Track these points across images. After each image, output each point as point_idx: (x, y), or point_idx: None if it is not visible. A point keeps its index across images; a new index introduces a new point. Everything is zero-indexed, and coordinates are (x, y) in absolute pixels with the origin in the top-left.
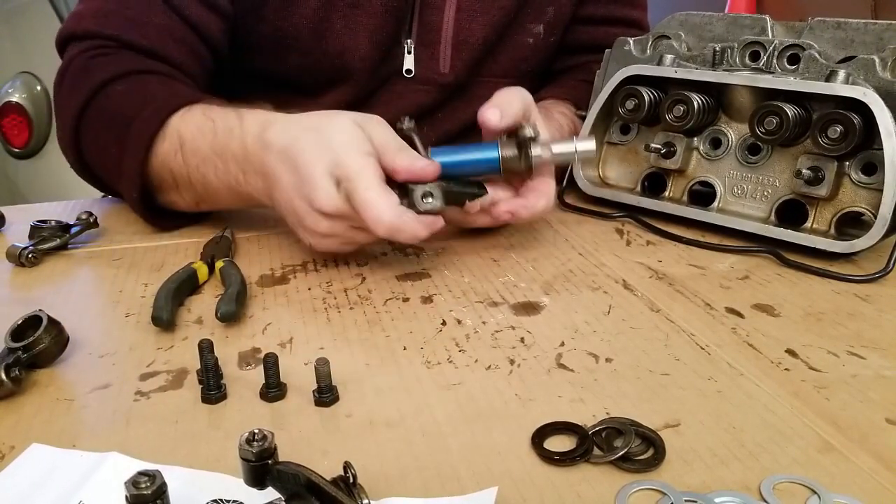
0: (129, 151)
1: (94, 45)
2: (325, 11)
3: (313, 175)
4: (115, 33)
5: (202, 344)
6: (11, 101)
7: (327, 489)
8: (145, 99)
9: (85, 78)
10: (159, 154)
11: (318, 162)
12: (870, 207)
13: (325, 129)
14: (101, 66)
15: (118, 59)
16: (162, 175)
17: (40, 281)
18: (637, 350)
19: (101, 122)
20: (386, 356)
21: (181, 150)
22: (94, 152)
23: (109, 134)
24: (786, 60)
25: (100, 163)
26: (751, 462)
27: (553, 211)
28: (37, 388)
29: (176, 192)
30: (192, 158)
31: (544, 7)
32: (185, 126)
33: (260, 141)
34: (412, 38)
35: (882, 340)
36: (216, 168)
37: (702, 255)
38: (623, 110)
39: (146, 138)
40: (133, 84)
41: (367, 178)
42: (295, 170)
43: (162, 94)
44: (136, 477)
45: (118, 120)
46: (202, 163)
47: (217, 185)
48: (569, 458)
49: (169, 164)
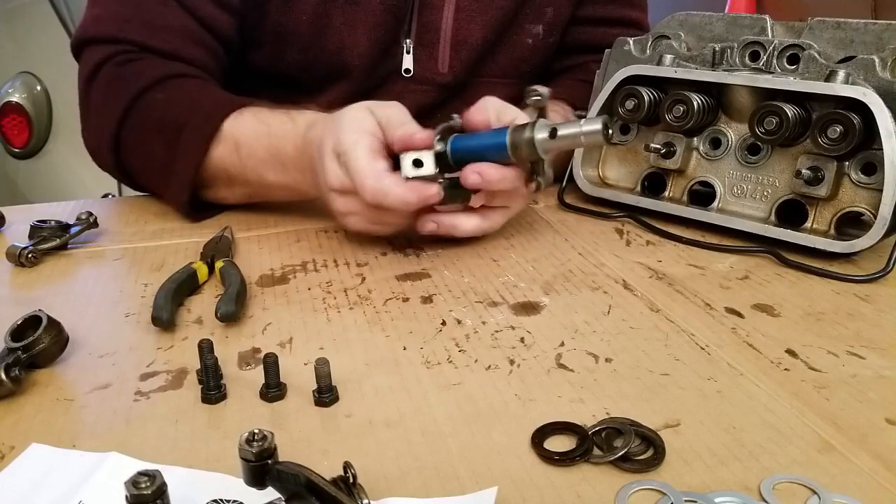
0: (182, 156)
1: (117, 51)
2: (324, 7)
3: (323, 156)
4: (138, 39)
5: (202, 344)
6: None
7: (327, 489)
8: (191, 105)
9: (122, 86)
10: (214, 157)
11: (326, 144)
12: (870, 207)
13: (339, 116)
14: (135, 74)
15: (149, 66)
16: (216, 174)
17: (40, 281)
18: (637, 350)
19: (145, 129)
20: (386, 356)
21: (237, 151)
22: (137, 158)
23: (157, 141)
24: (786, 60)
25: (144, 167)
26: (751, 462)
27: (553, 211)
28: (37, 388)
29: (228, 189)
30: (248, 160)
31: (543, 8)
32: (239, 130)
33: (304, 139)
34: (411, 38)
35: (882, 340)
36: (274, 168)
37: (702, 255)
38: (623, 110)
39: (202, 143)
40: (172, 91)
41: (357, 150)
42: (315, 157)
43: (206, 100)
44: (136, 477)
45: (165, 127)
46: (259, 164)
47: (274, 182)
48: (569, 458)
49: (225, 164)
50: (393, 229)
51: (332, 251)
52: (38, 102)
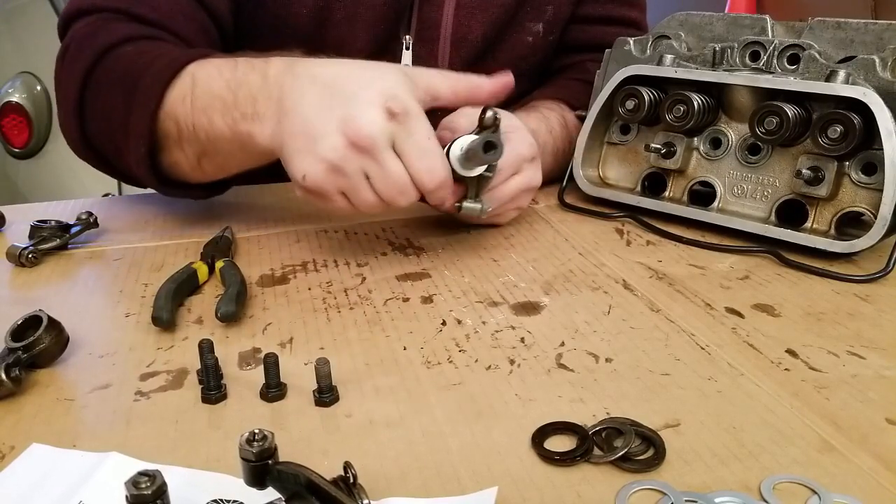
0: (139, 101)
1: (101, 18)
2: (325, 1)
3: (361, 98)
4: (123, 6)
5: (202, 344)
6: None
7: (327, 489)
8: (159, 55)
9: (90, 42)
10: (168, 102)
11: (369, 88)
12: (870, 207)
13: (377, 68)
14: (108, 31)
15: (126, 27)
16: (167, 127)
17: (40, 281)
18: (637, 350)
19: (107, 82)
20: (386, 356)
21: (191, 92)
22: (97, 116)
23: (116, 92)
24: (786, 60)
25: (104, 126)
26: (751, 462)
27: (553, 211)
28: (37, 388)
29: (178, 148)
30: (199, 100)
31: (544, 6)
32: (201, 68)
33: (287, 71)
34: (411, 34)
35: (882, 340)
36: (224, 104)
37: (702, 255)
38: (623, 110)
39: (159, 86)
40: (144, 45)
41: (427, 127)
42: (332, 91)
43: (177, 51)
44: (136, 477)
45: (127, 76)
46: (210, 103)
47: (220, 126)
48: (569, 458)
49: (175, 112)
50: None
51: (332, 251)
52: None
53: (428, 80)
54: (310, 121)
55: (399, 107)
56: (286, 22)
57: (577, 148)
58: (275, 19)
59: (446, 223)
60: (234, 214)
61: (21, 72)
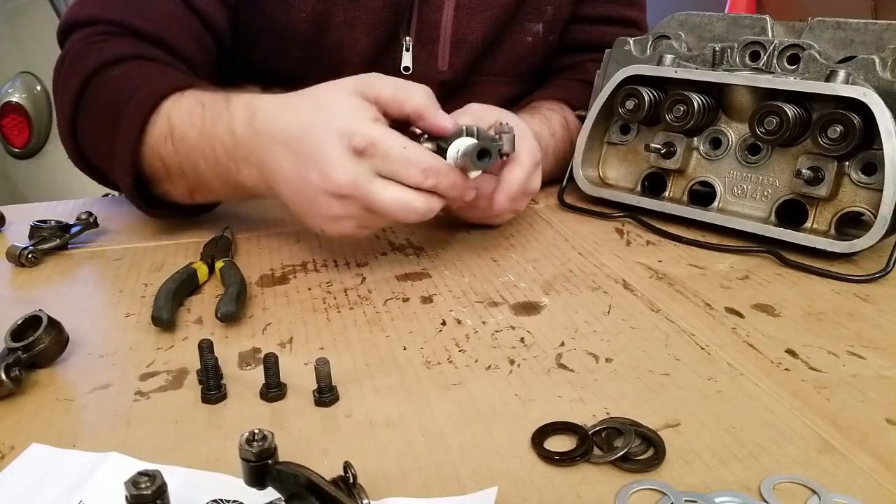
0: (121, 136)
1: (95, 31)
2: (324, 5)
3: (325, 151)
4: (118, 17)
5: (202, 344)
6: (11, 101)
7: (327, 489)
8: (141, 82)
9: (82, 61)
10: (150, 140)
11: (326, 137)
12: (870, 207)
13: (326, 106)
14: (98, 50)
15: (118, 44)
16: (154, 164)
17: (40, 281)
18: (637, 350)
19: (97, 106)
20: (386, 356)
21: (171, 136)
22: (89, 138)
23: (104, 118)
24: (786, 60)
25: (95, 149)
26: (751, 462)
27: (553, 211)
28: (37, 388)
29: (169, 182)
30: (181, 146)
31: (543, 6)
32: (175, 111)
33: (250, 128)
34: (411, 36)
35: (882, 340)
36: (205, 156)
37: (702, 255)
38: (623, 110)
39: (138, 122)
40: (130, 68)
41: (397, 138)
42: (299, 153)
43: (157, 78)
44: (136, 477)
45: (112, 104)
46: (191, 151)
47: (209, 174)
48: (569, 458)
49: (159, 152)
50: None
51: (332, 251)
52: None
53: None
54: (296, 191)
55: (362, 141)
56: (285, 27)
57: (577, 148)
58: (274, 24)
59: (446, 223)
60: (234, 214)
61: (21, 72)
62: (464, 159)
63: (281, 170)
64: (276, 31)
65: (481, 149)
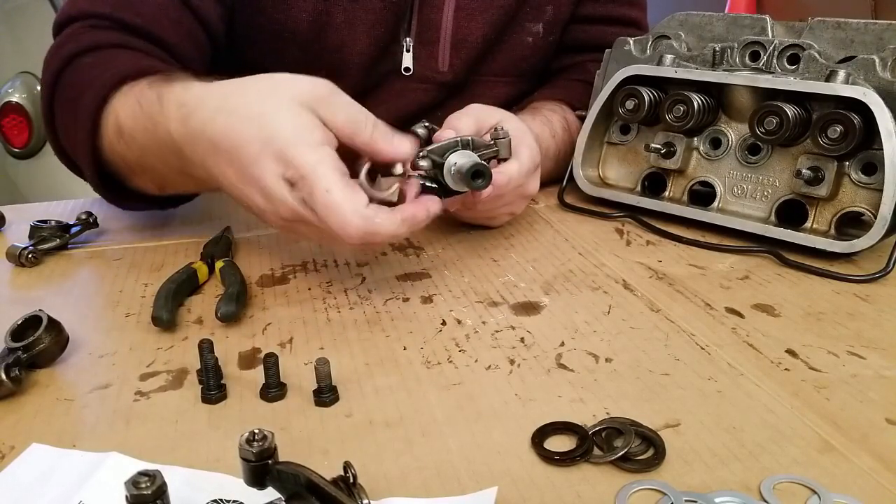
0: (80, 129)
1: (85, 25)
2: (324, 5)
3: (262, 179)
4: (108, 11)
5: (202, 344)
6: (11, 101)
7: (327, 489)
8: (102, 71)
9: (60, 51)
10: (106, 136)
11: (262, 161)
12: (870, 207)
13: (267, 119)
14: (76, 40)
15: (99, 34)
16: (114, 159)
17: (40, 281)
18: (637, 350)
19: (65, 99)
20: (386, 356)
21: (121, 134)
22: (62, 130)
23: (70, 110)
24: (786, 60)
25: (66, 140)
26: (751, 462)
27: (553, 211)
28: (37, 388)
29: (135, 177)
30: (133, 144)
31: (544, 6)
32: (122, 108)
33: (185, 129)
34: (411, 37)
35: (882, 340)
36: (156, 155)
37: (702, 255)
38: (623, 110)
39: (90, 117)
40: (101, 56)
41: (324, 178)
42: (239, 168)
43: (116, 68)
44: (136, 477)
45: (74, 94)
46: (143, 150)
47: (167, 171)
48: (569, 458)
49: (116, 149)
50: None
51: (332, 251)
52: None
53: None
54: (243, 198)
55: (294, 174)
56: (285, 26)
57: (577, 148)
58: (274, 24)
59: (446, 223)
60: (234, 214)
61: (21, 72)
62: (459, 181)
63: (224, 177)
64: (274, 31)
65: (475, 170)
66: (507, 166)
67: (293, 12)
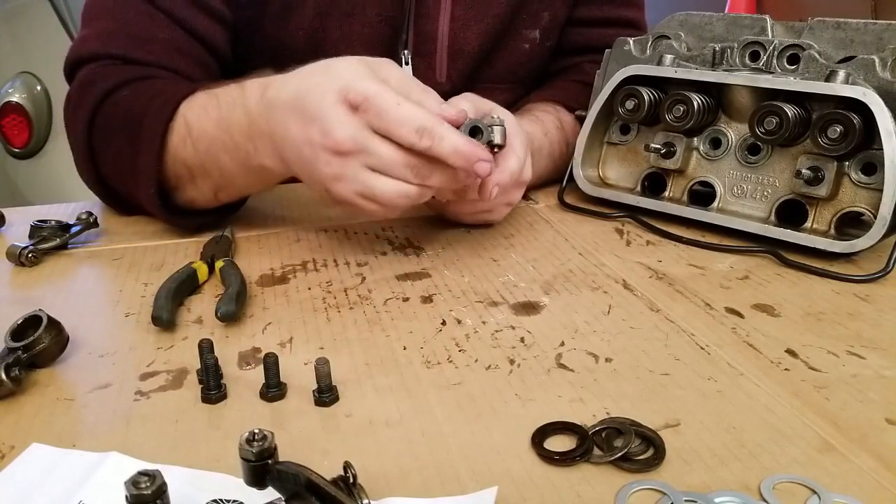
0: (143, 147)
1: (100, 66)
2: (320, 21)
3: (322, 108)
4: (121, 52)
5: (202, 344)
6: (11, 101)
7: (327, 489)
8: (154, 95)
9: (90, 90)
10: (171, 147)
11: (326, 95)
12: (870, 207)
13: (331, 69)
14: (104, 78)
15: (122, 70)
16: (177, 170)
17: (40, 281)
18: (637, 350)
19: (111, 128)
20: (386, 356)
21: (189, 136)
22: (108, 160)
23: (121, 137)
24: (786, 60)
25: (115, 169)
26: (751, 462)
27: (553, 211)
28: (37, 388)
29: (193, 186)
30: (200, 143)
31: (540, 12)
32: (190, 111)
33: (262, 102)
34: (409, 49)
35: (882, 340)
36: (225, 145)
37: (702, 255)
38: (623, 110)
39: (159, 130)
40: (139, 86)
41: (391, 98)
42: (302, 114)
43: (169, 89)
44: (136, 477)
45: (128, 121)
46: (210, 144)
47: (230, 164)
48: (569, 458)
49: (181, 156)
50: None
51: (332, 251)
52: (38, 102)
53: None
54: (299, 149)
55: (357, 95)
56: (283, 43)
57: (577, 148)
58: (272, 42)
59: (446, 223)
60: (234, 214)
61: (21, 72)
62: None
63: (287, 133)
64: (274, 49)
65: (472, 126)
66: (506, 161)
67: (290, 29)
